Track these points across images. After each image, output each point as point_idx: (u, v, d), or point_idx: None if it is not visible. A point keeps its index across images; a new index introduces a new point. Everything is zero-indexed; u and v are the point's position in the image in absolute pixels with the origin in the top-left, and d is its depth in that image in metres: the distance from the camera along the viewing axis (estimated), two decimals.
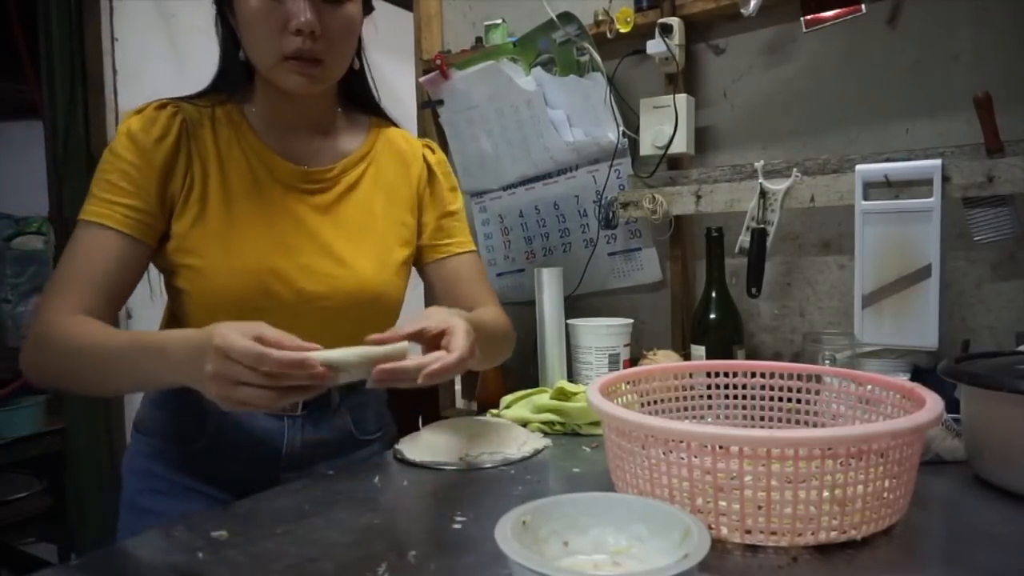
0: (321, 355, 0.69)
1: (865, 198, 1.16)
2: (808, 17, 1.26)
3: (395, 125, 1.10)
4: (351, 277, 0.94)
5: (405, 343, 0.76)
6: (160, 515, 0.88)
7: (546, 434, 1.05)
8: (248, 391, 0.67)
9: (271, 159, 0.94)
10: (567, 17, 1.49)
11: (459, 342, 0.78)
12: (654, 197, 1.40)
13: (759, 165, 1.29)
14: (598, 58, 1.47)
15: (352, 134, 1.03)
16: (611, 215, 1.49)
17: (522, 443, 0.96)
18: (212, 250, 0.88)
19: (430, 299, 1.12)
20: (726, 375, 0.91)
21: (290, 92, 0.90)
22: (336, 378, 0.71)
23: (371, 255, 0.97)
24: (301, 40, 0.85)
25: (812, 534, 0.63)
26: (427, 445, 0.95)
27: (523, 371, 1.62)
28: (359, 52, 1.00)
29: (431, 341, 0.80)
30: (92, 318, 0.82)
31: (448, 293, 1.07)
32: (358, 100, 1.06)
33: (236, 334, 0.67)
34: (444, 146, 1.75)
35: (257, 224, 0.91)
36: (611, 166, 1.49)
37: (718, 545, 0.63)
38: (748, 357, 1.34)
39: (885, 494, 0.64)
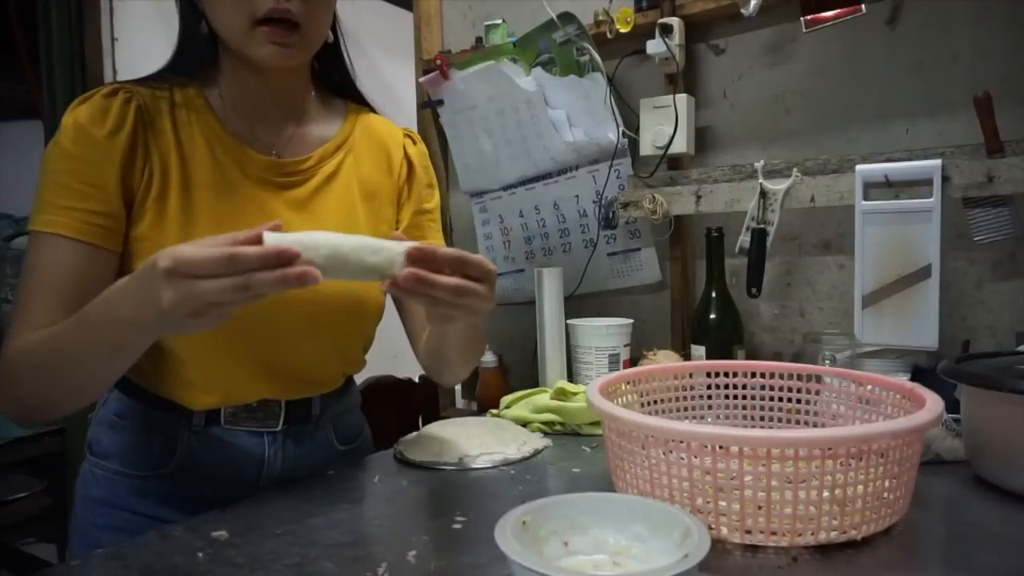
0: (288, 236, 0.60)
1: (865, 198, 1.16)
2: (808, 17, 1.26)
3: (373, 110, 1.01)
4: (329, 283, 0.86)
5: (401, 245, 0.65)
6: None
7: (546, 434, 1.05)
8: (213, 294, 0.58)
9: (239, 150, 0.84)
10: (567, 17, 1.49)
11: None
12: (654, 197, 1.40)
13: (759, 165, 1.29)
14: (598, 58, 1.47)
15: (327, 120, 0.93)
16: (611, 215, 1.49)
17: (522, 443, 0.96)
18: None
19: (399, 305, 1.01)
20: (726, 375, 0.91)
21: (262, 67, 0.81)
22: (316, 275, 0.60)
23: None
24: (274, 1, 0.75)
25: (812, 534, 0.63)
26: (427, 445, 0.95)
27: (523, 371, 1.62)
28: (334, 24, 0.89)
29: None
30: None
31: (414, 307, 0.97)
32: (333, 81, 0.96)
33: (185, 246, 0.58)
34: (444, 146, 1.75)
35: (224, 225, 0.78)
36: (611, 166, 1.49)
37: (718, 545, 0.63)
38: (748, 357, 1.34)
39: (885, 494, 0.64)
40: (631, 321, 1.34)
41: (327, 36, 0.86)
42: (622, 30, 1.43)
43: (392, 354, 1.37)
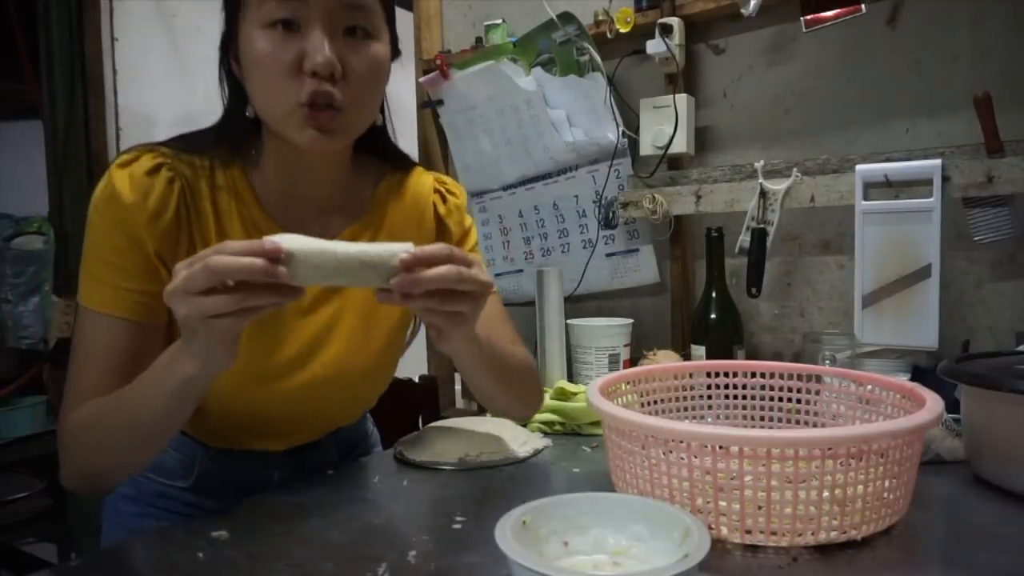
0: (293, 247, 0.59)
1: (865, 198, 1.16)
2: (808, 17, 1.26)
3: (412, 164, 0.96)
4: (354, 363, 0.86)
5: (402, 245, 0.63)
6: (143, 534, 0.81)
7: (546, 434, 1.05)
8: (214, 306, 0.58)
9: (275, 233, 0.83)
10: (567, 17, 1.49)
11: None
12: (654, 197, 1.40)
13: (759, 165, 1.29)
14: (598, 58, 1.47)
15: (359, 193, 0.89)
16: (611, 215, 1.50)
17: (522, 443, 0.96)
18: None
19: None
20: (726, 375, 0.91)
21: (303, 151, 0.77)
22: (298, 278, 0.60)
23: (377, 336, 0.88)
24: (318, 83, 0.71)
25: (812, 534, 0.63)
26: (427, 445, 0.95)
27: None
28: (383, 106, 0.85)
29: None
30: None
31: None
32: (375, 151, 0.91)
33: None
34: (444, 146, 1.75)
35: (268, 344, 0.81)
36: (611, 166, 1.50)
37: (718, 545, 0.63)
38: (748, 357, 1.34)
39: (885, 494, 0.64)
40: (631, 321, 1.34)
41: (375, 120, 0.82)
42: (622, 30, 1.43)
43: None
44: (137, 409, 0.69)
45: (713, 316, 1.29)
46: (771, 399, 0.89)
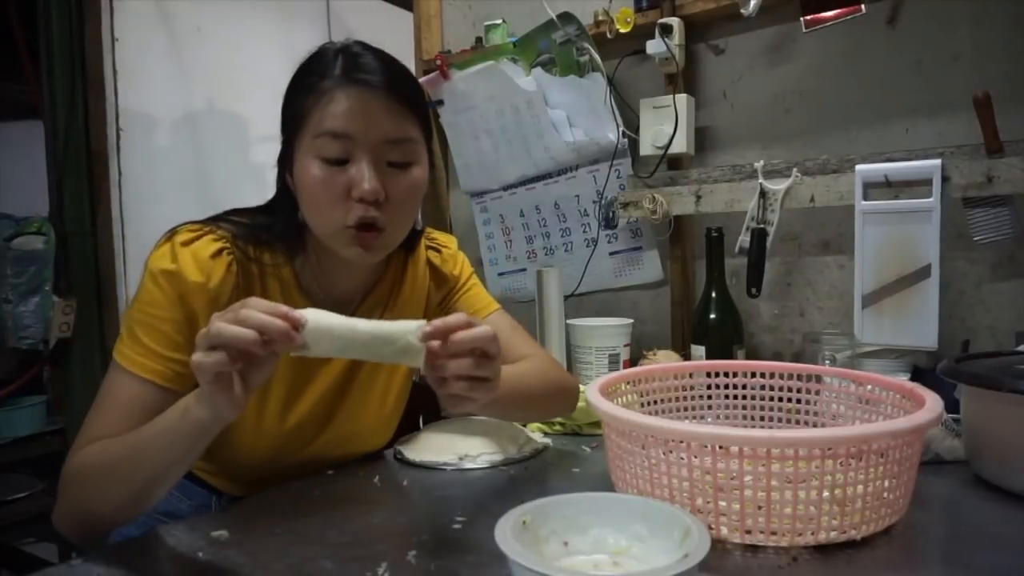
0: (316, 321, 0.63)
1: (865, 198, 1.16)
2: (808, 17, 1.26)
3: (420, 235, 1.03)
4: (378, 417, 0.95)
5: (416, 324, 0.65)
6: None
7: (546, 434, 1.05)
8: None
9: None
10: (567, 17, 1.49)
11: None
12: (654, 197, 1.40)
13: (759, 165, 1.29)
14: (598, 58, 1.47)
15: (378, 271, 0.96)
16: (611, 215, 1.50)
17: (522, 443, 0.96)
18: (241, 423, 0.84)
19: None
20: (726, 375, 0.91)
21: (345, 259, 0.84)
22: (313, 347, 0.63)
23: (396, 390, 0.97)
24: (364, 208, 0.78)
25: (812, 534, 0.63)
26: (427, 445, 0.95)
27: None
28: None
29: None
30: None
31: None
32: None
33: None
34: (444, 146, 1.75)
35: (293, 394, 0.87)
36: (611, 166, 1.50)
37: (718, 545, 0.63)
38: (748, 357, 1.34)
39: (885, 494, 0.64)
40: (631, 321, 1.34)
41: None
42: (622, 30, 1.43)
43: None
44: (144, 454, 0.69)
45: (713, 316, 1.29)
46: (771, 399, 0.89)
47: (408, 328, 0.65)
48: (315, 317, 0.63)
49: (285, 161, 0.85)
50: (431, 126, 0.88)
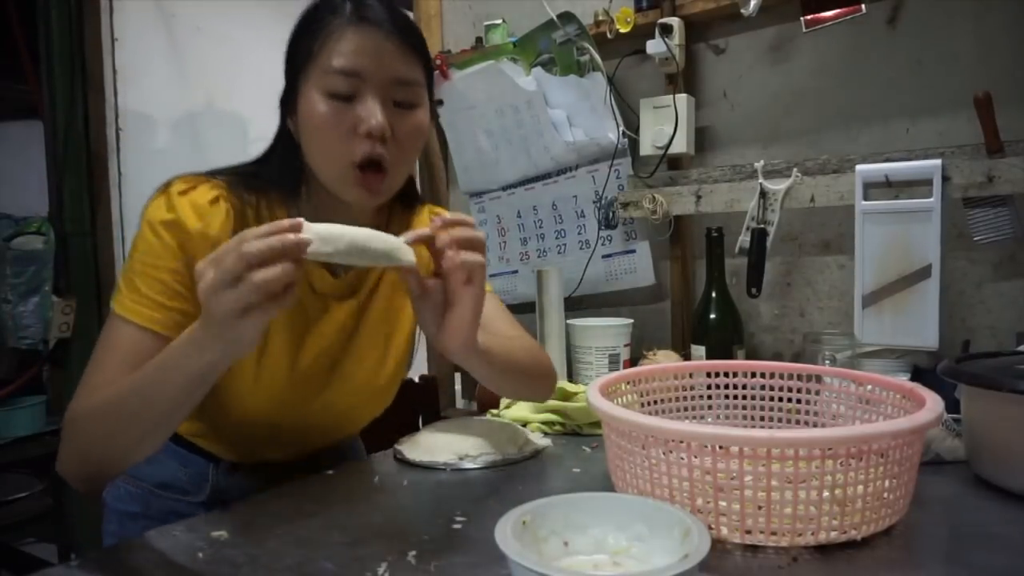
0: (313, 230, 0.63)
1: (865, 198, 1.16)
2: (808, 17, 1.26)
3: (423, 203, 1.03)
4: (355, 381, 0.93)
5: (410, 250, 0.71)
6: None
7: (546, 434, 1.05)
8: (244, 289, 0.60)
9: (312, 269, 0.87)
10: (567, 17, 1.49)
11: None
12: (654, 197, 1.40)
13: (759, 165, 1.29)
14: (598, 58, 1.47)
15: (375, 227, 0.98)
16: (611, 215, 1.50)
17: (522, 443, 0.96)
18: (241, 372, 0.83)
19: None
20: (726, 375, 0.91)
21: (346, 202, 0.84)
22: (318, 253, 0.64)
23: (378, 356, 0.95)
24: (371, 144, 0.79)
25: (812, 534, 0.63)
26: (427, 445, 0.95)
27: None
28: None
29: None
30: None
31: None
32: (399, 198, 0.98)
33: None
34: (444, 146, 1.75)
35: (294, 337, 0.86)
36: (611, 166, 1.50)
37: (718, 545, 0.63)
38: (748, 357, 1.34)
39: (885, 494, 0.64)
40: (631, 321, 1.34)
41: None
42: (622, 30, 1.43)
43: None
44: (151, 394, 0.69)
45: (713, 316, 1.29)
46: (771, 399, 0.89)
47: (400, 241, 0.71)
48: (310, 225, 0.64)
49: (288, 102, 0.84)
50: (432, 73, 0.89)
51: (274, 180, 0.87)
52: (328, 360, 0.90)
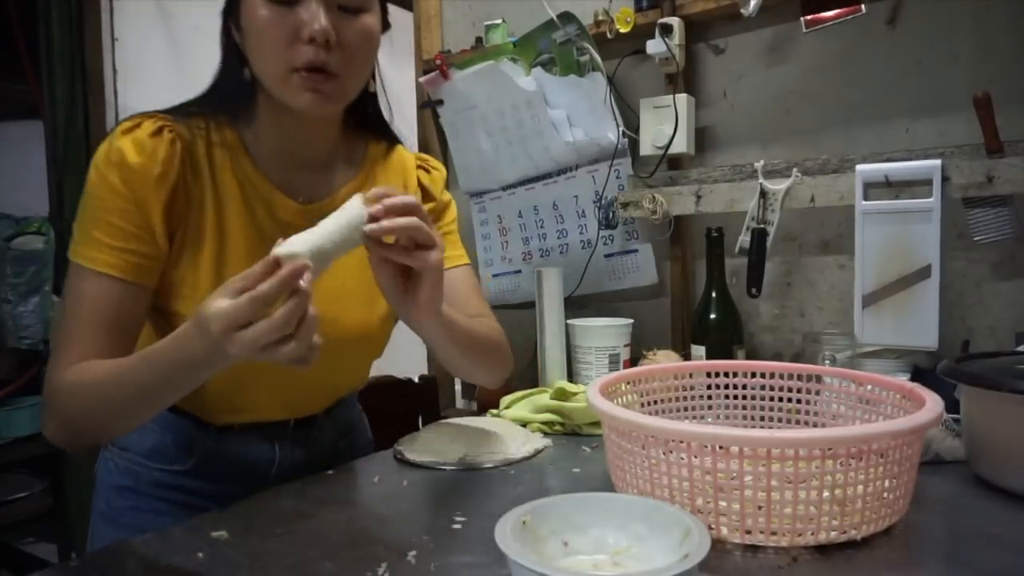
0: (294, 249, 0.64)
1: (865, 198, 1.16)
2: (808, 17, 1.26)
3: (397, 140, 1.01)
4: (343, 322, 0.89)
5: (357, 196, 0.72)
6: (138, 531, 0.78)
7: (546, 434, 1.05)
8: (258, 329, 0.62)
9: (270, 195, 0.86)
10: (567, 17, 1.49)
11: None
12: (654, 197, 1.40)
13: (759, 165, 1.29)
14: (598, 58, 1.47)
15: (350, 158, 0.95)
16: (611, 215, 1.50)
17: (522, 443, 0.96)
18: (202, 298, 0.81)
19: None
20: (726, 375, 0.91)
21: (298, 113, 0.81)
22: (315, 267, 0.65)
23: (363, 298, 0.91)
24: (314, 50, 0.76)
25: (812, 534, 0.63)
26: (427, 445, 0.95)
27: (523, 371, 1.62)
28: (374, 73, 0.90)
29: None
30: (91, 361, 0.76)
31: None
32: (368, 126, 0.97)
33: (220, 302, 0.63)
34: (444, 146, 1.75)
35: None
36: (611, 166, 1.49)
37: (718, 545, 0.63)
38: (748, 357, 1.34)
39: (885, 494, 0.64)
40: (631, 321, 1.34)
41: (367, 86, 0.88)
42: (622, 30, 1.43)
43: (392, 354, 1.36)
44: (131, 386, 0.71)
45: (713, 316, 1.29)
46: (771, 399, 0.89)
47: (359, 203, 0.71)
48: (293, 247, 0.64)
49: (230, 11, 0.82)
50: None
51: (222, 101, 0.84)
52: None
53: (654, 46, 1.37)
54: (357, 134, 0.96)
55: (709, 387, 0.91)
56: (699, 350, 1.29)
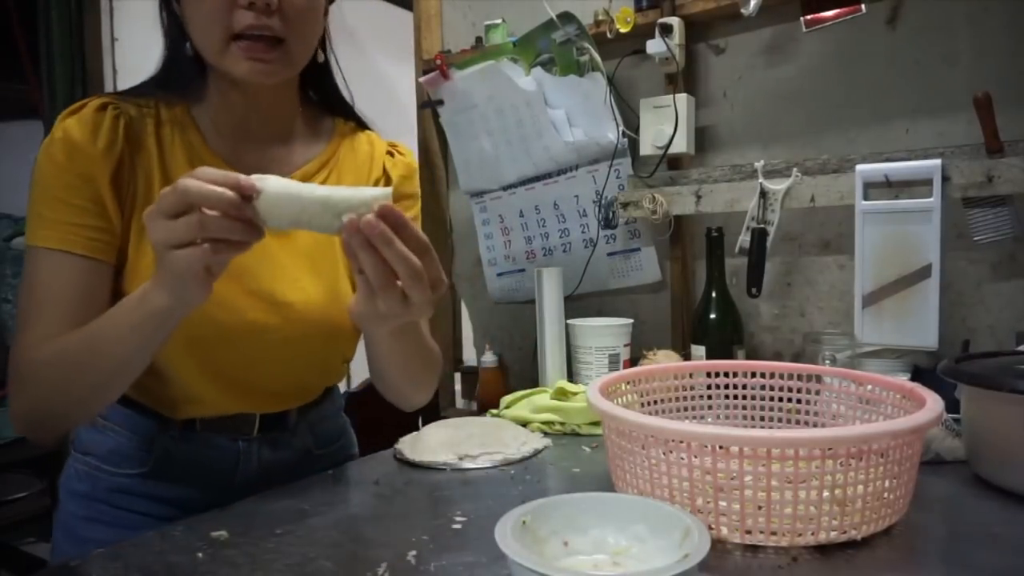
0: (266, 186, 0.59)
1: (865, 198, 1.16)
2: (808, 17, 1.26)
3: (365, 127, 0.98)
4: (303, 308, 0.84)
5: (381, 191, 0.62)
6: (100, 543, 0.74)
7: (546, 434, 1.05)
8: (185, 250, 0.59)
9: (213, 163, 0.80)
10: (567, 17, 1.49)
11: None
12: (654, 197, 1.40)
13: (759, 165, 1.29)
14: (598, 58, 1.47)
15: (313, 139, 0.91)
16: (611, 215, 1.50)
17: (522, 443, 0.96)
18: (139, 272, 0.78)
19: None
20: (726, 375, 0.91)
21: (244, 84, 0.78)
22: (268, 220, 0.60)
23: (326, 283, 0.87)
24: (254, 15, 0.73)
25: (812, 534, 0.63)
26: (427, 445, 0.95)
27: (523, 371, 1.62)
28: (324, 43, 0.88)
29: None
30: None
31: None
32: (323, 100, 0.93)
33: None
34: (444, 146, 1.75)
35: None
36: (611, 166, 1.49)
37: (718, 545, 0.63)
38: (748, 357, 1.34)
39: (885, 494, 0.64)
40: (631, 321, 1.34)
41: (315, 54, 0.84)
42: (622, 30, 1.43)
43: None
44: (105, 343, 0.68)
45: (713, 316, 1.29)
46: (771, 399, 0.89)
47: (374, 195, 0.60)
48: (265, 183, 0.60)
49: None
50: None
51: (169, 80, 0.82)
52: (251, 283, 0.81)
53: (654, 46, 1.37)
54: (321, 110, 0.93)
55: (709, 387, 0.91)
56: (699, 350, 1.29)
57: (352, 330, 0.90)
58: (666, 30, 1.36)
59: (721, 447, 0.63)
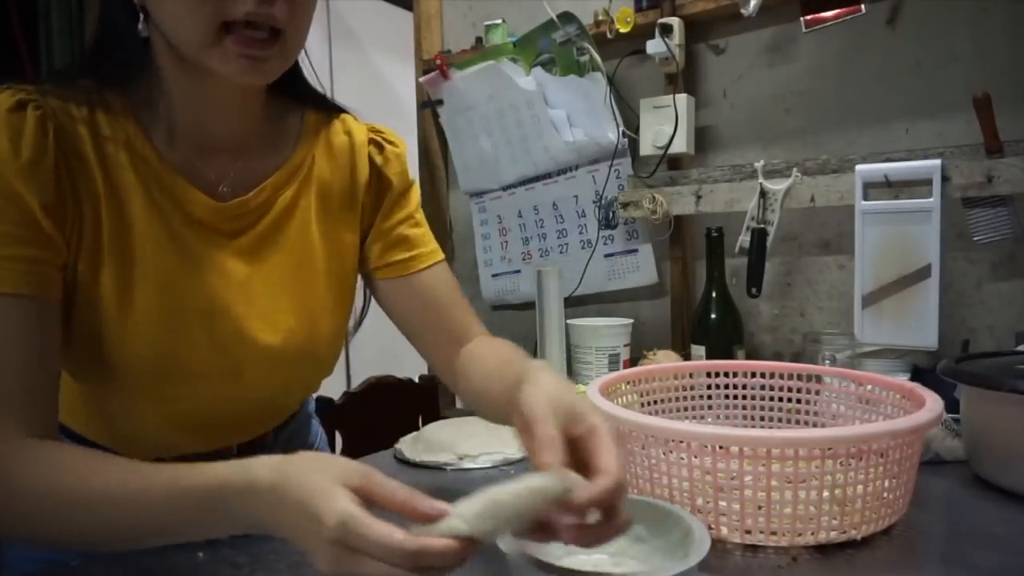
0: (461, 523, 0.46)
1: (865, 198, 1.16)
2: (808, 17, 1.26)
3: (339, 110, 0.82)
4: (283, 347, 0.73)
5: (571, 477, 0.48)
6: (40, 562, 0.66)
7: None
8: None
9: (179, 189, 0.67)
10: (567, 17, 1.49)
11: (610, 458, 0.50)
12: (654, 197, 1.40)
13: (759, 165, 1.29)
14: (598, 58, 1.47)
15: (282, 136, 0.76)
16: (611, 215, 1.50)
17: None
18: (106, 324, 0.65)
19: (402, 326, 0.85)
20: (726, 375, 0.91)
21: (219, 83, 0.65)
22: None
23: (305, 309, 0.75)
24: (254, 2, 0.59)
25: (812, 534, 0.63)
26: (427, 445, 0.95)
27: None
28: None
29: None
30: (57, 443, 0.59)
31: (423, 322, 0.82)
32: (289, 91, 0.77)
33: (361, 513, 0.45)
34: (444, 146, 1.75)
35: (169, 288, 0.66)
36: (611, 166, 1.50)
37: (718, 545, 0.63)
38: (748, 357, 1.34)
39: (885, 494, 0.64)
40: (631, 321, 1.34)
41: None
42: (622, 30, 1.43)
43: (392, 354, 1.37)
44: (131, 520, 0.55)
45: (713, 316, 1.29)
46: (771, 399, 0.89)
47: (564, 485, 0.47)
48: (470, 527, 0.46)
49: None
50: None
51: (103, 65, 0.65)
52: (226, 325, 0.70)
53: (654, 46, 1.37)
54: (287, 106, 0.77)
55: (709, 387, 0.91)
56: (699, 350, 1.29)
57: (332, 351, 0.81)
58: (666, 30, 1.36)
59: (721, 447, 0.63)
